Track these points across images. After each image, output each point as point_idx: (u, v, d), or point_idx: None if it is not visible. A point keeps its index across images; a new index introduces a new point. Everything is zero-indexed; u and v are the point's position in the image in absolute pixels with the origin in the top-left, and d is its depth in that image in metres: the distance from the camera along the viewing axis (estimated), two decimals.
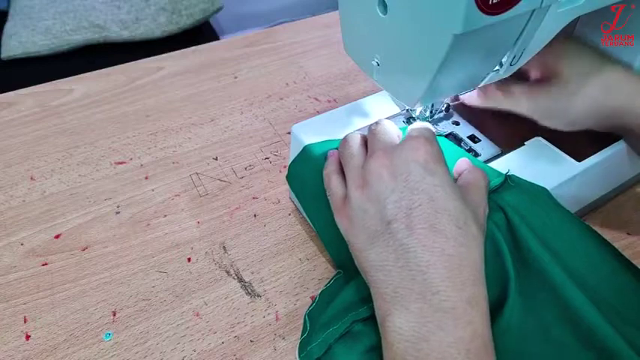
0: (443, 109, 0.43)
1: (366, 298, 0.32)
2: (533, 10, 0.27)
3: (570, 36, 0.39)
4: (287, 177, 0.41)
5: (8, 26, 1.24)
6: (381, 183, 0.29)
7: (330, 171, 0.34)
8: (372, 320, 0.31)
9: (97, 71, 0.66)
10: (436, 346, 0.25)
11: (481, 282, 0.27)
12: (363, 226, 0.30)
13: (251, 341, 0.36)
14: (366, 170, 0.31)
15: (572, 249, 0.33)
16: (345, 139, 0.34)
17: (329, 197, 0.34)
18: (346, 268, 0.37)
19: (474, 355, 0.25)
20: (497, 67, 0.32)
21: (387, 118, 0.42)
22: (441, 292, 0.26)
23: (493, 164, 0.38)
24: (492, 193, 0.34)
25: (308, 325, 0.35)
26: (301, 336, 0.35)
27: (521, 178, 0.35)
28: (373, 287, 0.29)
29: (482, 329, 0.26)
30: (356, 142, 0.34)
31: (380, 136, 0.32)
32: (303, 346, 0.33)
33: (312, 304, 0.36)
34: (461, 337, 0.25)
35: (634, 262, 0.33)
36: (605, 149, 0.39)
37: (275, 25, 0.79)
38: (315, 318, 0.35)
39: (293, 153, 0.41)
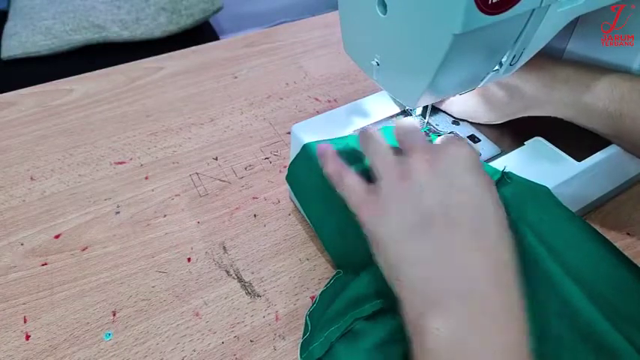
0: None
1: (367, 296, 0.31)
2: (533, 10, 0.27)
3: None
4: (287, 177, 0.41)
5: (8, 26, 1.24)
6: (423, 177, 0.29)
7: (338, 167, 0.33)
8: (373, 318, 0.31)
9: (97, 71, 0.66)
10: (474, 348, 0.24)
11: (519, 287, 0.26)
12: (398, 218, 0.28)
13: (251, 341, 0.36)
14: (407, 163, 0.30)
15: (570, 245, 0.33)
16: (367, 135, 0.33)
17: (344, 192, 0.32)
18: (346, 268, 0.37)
19: None
20: (497, 67, 0.32)
21: (386, 119, 0.42)
22: (484, 294, 0.25)
23: (493, 164, 0.38)
24: None
25: (309, 325, 0.35)
26: (302, 336, 0.35)
27: (518, 176, 0.35)
28: (404, 283, 0.27)
29: (521, 336, 0.25)
30: (380, 136, 0.33)
31: (414, 133, 0.32)
32: (304, 347, 0.33)
33: (312, 305, 0.36)
34: (502, 342, 0.24)
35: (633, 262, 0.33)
36: (605, 149, 0.39)
37: (275, 25, 0.79)
38: (316, 318, 0.35)
39: (293, 153, 0.41)
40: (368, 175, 0.34)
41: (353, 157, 0.37)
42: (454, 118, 0.43)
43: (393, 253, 0.28)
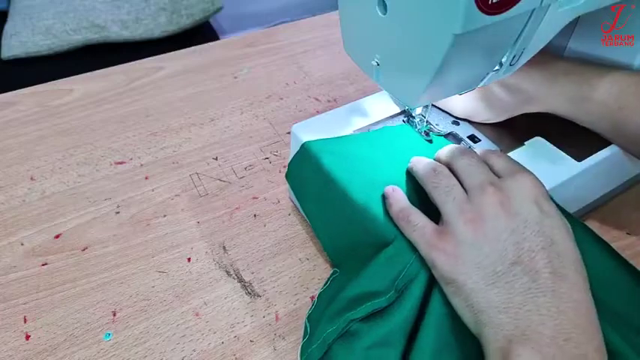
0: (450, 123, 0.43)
1: (362, 297, 0.31)
2: (533, 10, 0.27)
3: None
4: (286, 175, 0.41)
5: (8, 26, 1.24)
6: (499, 221, 0.28)
7: (404, 206, 0.33)
8: (369, 320, 0.31)
9: (97, 71, 0.66)
10: None
11: (600, 328, 0.27)
12: (477, 264, 0.28)
13: (251, 341, 0.36)
14: (479, 205, 0.30)
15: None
16: (431, 168, 0.33)
17: (412, 235, 0.31)
18: (343, 267, 0.37)
19: None
20: (497, 67, 0.32)
21: (386, 118, 0.42)
22: (573, 338, 0.25)
23: None
24: None
25: (308, 328, 0.35)
26: (302, 339, 0.35)
27: None
28: (491, 324, 0.27)
29: None
30: (445, 171, 0.33)
31: (479, 167, 0.32)
32: (304, 350, 0.33)
33: (311, 307, 0.36)
34: None
35: (633, 262, 0.33)
36: (605, 149, 0.39)
37: (275, 25, 0.79)
38: (315, 320, 0.35)
39: (293, 153, 0.41)
40: (375, 180, 0.34)
41: (357, 160, 0.36)
42: (454, 117, 0.43)
43: (477, 299, 0.28)
